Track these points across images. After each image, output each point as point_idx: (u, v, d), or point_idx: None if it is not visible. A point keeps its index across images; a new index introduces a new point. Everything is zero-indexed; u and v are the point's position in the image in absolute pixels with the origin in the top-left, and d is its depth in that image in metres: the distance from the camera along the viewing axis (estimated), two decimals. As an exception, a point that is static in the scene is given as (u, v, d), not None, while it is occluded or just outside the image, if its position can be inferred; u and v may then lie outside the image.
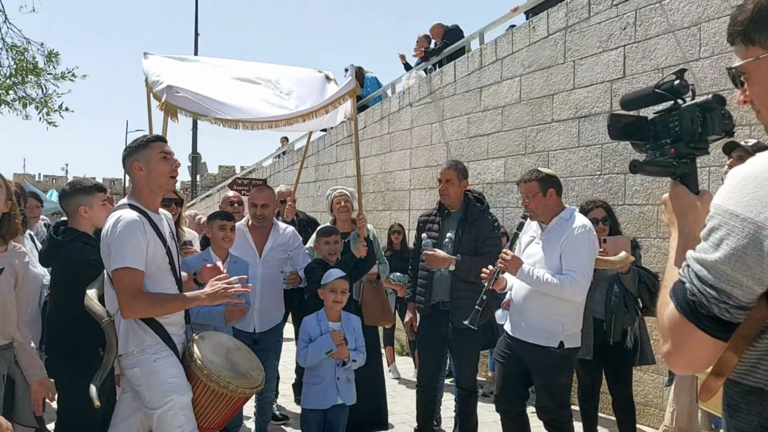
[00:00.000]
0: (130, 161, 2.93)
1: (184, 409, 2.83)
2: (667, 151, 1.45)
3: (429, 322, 4.38)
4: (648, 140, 1.51)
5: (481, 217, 4.31)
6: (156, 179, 2.91)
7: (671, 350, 1.19)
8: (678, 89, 1.44)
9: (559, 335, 3.56)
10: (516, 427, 3.81)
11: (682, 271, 1.19)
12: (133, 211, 2.81)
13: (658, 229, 5.28)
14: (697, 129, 1.39)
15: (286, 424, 5.20)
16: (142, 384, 2.82)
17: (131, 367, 2.83)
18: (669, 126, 1.45)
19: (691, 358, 1.18)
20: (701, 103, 1.39)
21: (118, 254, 2.72)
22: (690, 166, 1.44)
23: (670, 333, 1.19)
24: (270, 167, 12.63)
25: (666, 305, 1.21)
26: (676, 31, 5.18)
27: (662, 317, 1.22)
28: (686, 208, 1.40)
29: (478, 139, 7.27)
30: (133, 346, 2.81)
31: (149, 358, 2.82)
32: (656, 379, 5.20)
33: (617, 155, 5.63)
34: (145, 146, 2.92)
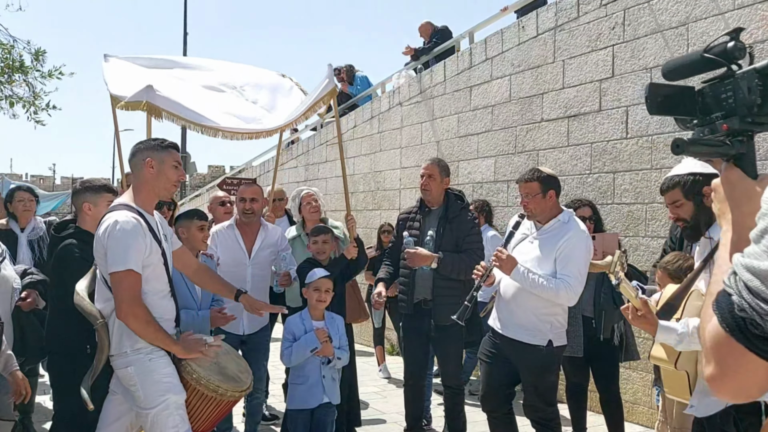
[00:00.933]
0: (143, 156, 2.91)
1: (179, 408, 2.82)
2: (719, 127, 1.22)
3: (412, 320, 4.39)
4: (694, 115, 1.29)
5: (462, 215, 4.32)
6: (163, 183, 2.94)
7: (715, 374, 0.99)
8: (732, 53, 1.19)
9: (548, 334, 3.56)
10: (503, 427, 3.81)
11: (728, 279, 0.97)
12: (131, 213, 2.79)
13: (647, 228, 5.30)
14: (756, 100, 1.15)
15: (275, 425, 5.18)
16: (136, 383, 2.79)
17: (124, 366, 2.81)
18: (721, 97, 1.22)
19: (740, 386, 0.98)
20: (761, 68, 1.14)
21: (119, 256, 2.70)
22: (746, 146, 1.20)
23: (713, 354, 0.98)
24: (260, 167, 12.58)
25: (709, 319, 1.00)
26: (665, 31, 5.21)
27: (704, 332, 1.02)
28: (741, 197, 1.17)
29: (468, 139, 7.28)
30: (127, 346, 2.79)
31: (144, 358, 2.80)
32: (645, 377, 5.22)
33: (606, 154, 5.65)
34: (164, 149, 2.95)
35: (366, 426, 5.15)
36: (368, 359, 7.34)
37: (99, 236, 2.79)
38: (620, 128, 5.54)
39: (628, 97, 5.47)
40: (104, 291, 2.83)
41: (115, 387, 2.93)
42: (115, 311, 2.78)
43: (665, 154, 5.16)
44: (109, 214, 2.82)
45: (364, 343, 8.43)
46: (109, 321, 2.81)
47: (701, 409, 2.39)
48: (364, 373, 6.47)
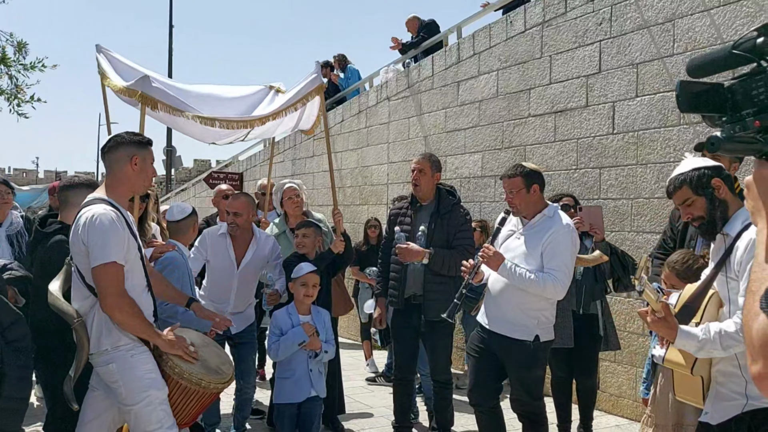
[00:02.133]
0: (128, 152, 2.87)
1: (162, 404, 2.81)
2: (750, 124, 1.19)
3: (402, 315, 4.40)
4: (724, 112, 1.27)
5: (454, 210, 4.34)
6: (142, 181, 2.94)
7: (764, 372, 0.99)
8: (762, 48, 1.17)
9: (535, 329, 3.58)
10: (490, 420, 3.83)
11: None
12: (108, 207, 2.77)
13: (632, 224, 5.35)
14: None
15: (263, 418, 5.18)
16: (118, 380, 2.77)
17: (106, 364, 2.78)
18: (751, 94, 1.20)
19: None
20: None
21: (102, 250, 2.67)
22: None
23: (763, 351, 0.98)
24: (246, 161, 12.53)
25: (755, 317, 1.00)
26: (651, 27, 5.25)
27: (750, 331, 1.02)
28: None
29: (455, 134, 7.29)
30: (107, 344, 2.77)
31: (125, 354, 2.78)
32: (630, 371, 5.28)
33: (592, 150, 5.69)
34: (146, 145, 2.95)
35: (353, 420, 5.16)
36: (356, 353, 7.35)
37: (77, 231, 2.74)
38: (606, 124, 5.57)
39: (614, 92, 5.51)
40: (81, 289, 2.79)
41: (96, 384, 2.90)
42: (94, 308, 2.75)
43: (651, 150, 5.21)
44: (86, 208, 2.78)
45: (351, 338, 8.45)
46: (87, 319, 2.77)
47: (716, 415, 2.31)
48: (351, 367, 6.49)
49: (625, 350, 5.25)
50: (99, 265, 2.68)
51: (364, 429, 5.01)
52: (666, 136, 5.09)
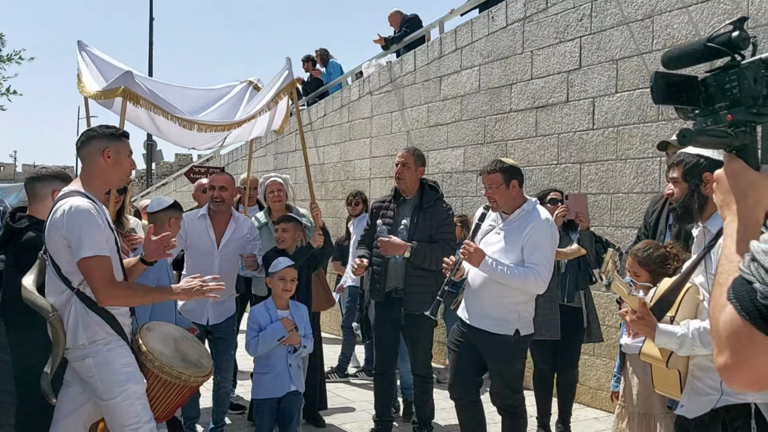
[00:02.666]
0: (100, 145, 2.84)
1: (140, 398, 2.79)
2: (723, 117, 1.20)
3: (383, 308, 4.41)
4: (698, 105, 1.27)
5: (437, 205, 4.35)
6: (117, 174, 2.91)
7: (730, 363, 0.99)
8: (736, 42, 1.18)
9: (515, 323, 3.60)
10: (470, 414, 3.86)
11: (746, 267, 0.97)
12: (86, 199, 2.74)
13: (611, 218, 5.40)
14: (762, 91, 1.14)
15: (243, 413, 5.16)
16: (95, 375, 2.74)
17: (82, 358, 2.75)
18: (725, 87, 1.20)
19: (758, 374, 0.98)
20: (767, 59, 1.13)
21: (86, 242, 2.64)
22: (750, 137, 1.19)
23: (729, 343, 0.98)
24: (228, 155, 12.44)
25: (722, 308, 1.00)
26: (631, 23, 5.29)
27: (717, 322, 1.02)
28: (746, 188, 1.16)
29: (437, 129, 7.30)
30: (84, 338, 2.74)
31: (102, 348, 2.75)
32: (608, 364, 5.33)
33: (573, 145, 5.73)
34: (119, 139, 2.90)
35: (335, 414, 5.17)
36: (337, 347, 7.34)
37: (55, 224, 2.70)
38: (587, 119, 5.61)
39: (594, 88, 5.55)
40: (57, 283, 2.76)
41: (71, 378, 2.86)
42: (70, 302, 2.72)
43: (630, 145, 5.26)
44: (63, 200, 2.74)
45: (333, 332, 8.44)
46: (63, 313, 2.74)
47: (691, 408, 2.33)
48: (333, 362, 6.48)
49: (604, 344, 5.30)
50: (87, 258, 2.65)
51: (345, 423, 5.01)
52: (645, 132, 5.14)
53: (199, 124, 4.71)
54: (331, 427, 4.92)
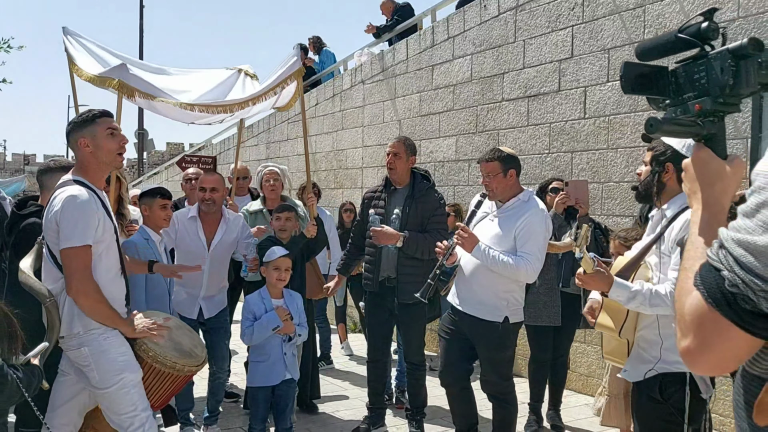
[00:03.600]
0: (75, 137, 2.82)
1: (136, 386, 2.81)
2: (691, 107, 1.22)
3: (376, 297, 4.44)
4: (667, 95, 1.29)
5: (429, 194, 4.37)
6: (104, 156, 2.84)
7: (693, 348, 1.00)
8: (705, 33, 1.20)
9: (504, 310, 3.64)
10: (461, 401, 3.90)
11: (714, 254, 0.98)
12: (83, 188, 2.73)
13: (603, 207, 5.44)
14: (729, 81, 1.15)
15: (238, 401, 5.19)
16: (90, 364, 2.75)
17: (77, 347, 2.76)
18: (694, 78, 1.22)
19: (720, 359, 0.99)
20: (734, 49, 1.14)
21: (72, 231, 2.64)
22: (718, 126, 1.21)
23: (693, 327, 0.99)
24: (220, 144, 12.40)
25: (688, 293, 1.01)
26: (622, 12, 5.30)
27: (682, 307, 1.03)
28: (713, 176, 1.18)
29: (429, 118, 7.31)
30: (80, 326, 2.74)
31: (98, 337, 2.76)
32: (599, 351, 5.39)
33: (564, 134, 5.75)
34: (90, 122, 2.83)
35: (329, 402, 5.21)
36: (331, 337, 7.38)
37: (51, 211, 2.71)
38: (578, 108, 5.64)
39: (586, 77, 5.57)
40: (53, 270, 2.76)
41: (66, 368, 2.87)
42: (64, 291, 2.73)
43: (621, 134, 5.29)
44: (61, 189, 2.74)
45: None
46: (59, 300, 2.75)
47: (632, 373, 2.60)
48: (326, 350, 6.51)
49: (595, 331, 5.35)
50: (68, 248, 2.65)
51: (338, 411, 5.05)
52: (636, 121, 5.17)
53: (199, 105, 4.67)
54: (325, 414, 4.96)
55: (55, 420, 2.85)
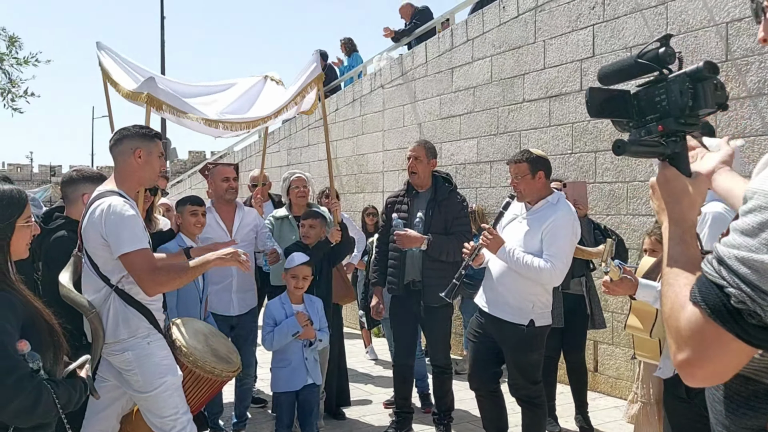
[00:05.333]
0: (131, 145, 2.89)
1: (177, 389, 2.86)
2: (654, 128, 1.28)
3: (401, 301, 4.43)
4: (631, 117, 1.35)
5: (451, 197, 4.36)
6: (149, 173, 2.95)
7: (691, 359, 1.02)
8: (664, 58, 1.27)
9: (530, 313, 3.61)
10: (490, 404, 3.88)
11: (714, 271, 1.00)
12: (121, 198, 2.80)
13: (629, 206, 5.38)
14: (688, 102, 1.22)
15: (265, 408, 5.22)
16: (134, 368, 2.79)
17: (121, 352, 2.80)
18: (655, 100, 1.28)
19: (717, 370, 1.03)
20: (691, 72, 1.22)
21: (128, 238, 2.70)
22: (680, 145, 1.28)
23: (692, 342, 1.02)
24: (242, 151, 12.51)
25: (681, 308, 1.05)
26: (644, 10, 5.24)
27: (677, 322, 1.05)
28: (679, 194, 1.24)
29: (450, 120, 7.29)
30: (125, 333, 2.79)
31: (141, 342, 2.81)
32: (627, 353, 5.32)
33: (587, 134, 5.70)
34: (151, 139, 2.95)
35: (354, 407, 5.21)
36: (355, 341, 7.40)
37: (93, 222, 2.75)
38: (601, 108, 5.57)
39: (608, 76, 5.51)
40: (95, 281, 2.80)
41: (106, 374, 2.91)
42: (109, 299, 2.77)
43: (645, 133, 5.22)
44: (100, 200, 2.79)
45: (351, 326, 8.48)
46: (102, 310, 2.79)
47: (666, 370, 2.60)
48: (351, 354, 6.51)
49: (623, 332, 5.29)
50: (128, 253, 2.70)
51: (365, 416, 5.05)
52: (660, 119, 5.10)
53: (224, 122, 4.76)
54: (351, 420, 4.96)
55: (95, 425, 2.89)
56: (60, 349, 2.01)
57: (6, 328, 1.81)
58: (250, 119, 5.01)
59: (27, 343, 1.83)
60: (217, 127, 4.75)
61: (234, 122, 4.87)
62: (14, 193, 2.00)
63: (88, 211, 2.81)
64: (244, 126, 5.00)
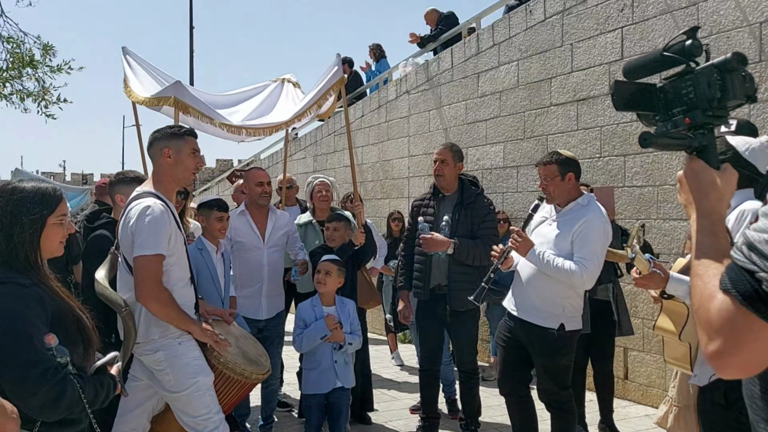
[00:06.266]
0: (160, 146, 2.93)
1: (209, 389, 2.87)
2: (681, 121, 1.27)
3: (427, 306, 4.40)
4: (658, 111, 1.33)
5: (477, 200, 4.32)
6: (181, 172, 2.96)
7: (723, 350, 1.01)
8: (690, 50, 1.26)
9: (560, 317, 3.55)
10: (520, 410, 3.82)
11: (743, 257, 0.99)
12: (157, 200, 2.83)
13: (659, 211, 5.28)
14: (716, 94, 1.21)
15: (291, 411, 5.23)
16: (165, 368, 2.82)
17: (153, 352, 2.83)
18: (682, 93, 1.27)
19: (752, 359, 1.00)
20: (719, 64, 1.21)
21: (149, 240, 2.73)
22: (708, 138, 1.26)
23: (724, 331, 1.00)
24: (268, 159, 12.61)
25: (711, 298, 1.03)
26: (674, 12, 5.17)
27: (707, 312, 1.04)
28: (707, 186, 1.22)
29: (476, 125, 7.26)
30: (156, 332, 2.82)
31: (173, 342, 2.83)
32: (658, 360, 5.22)
33: (616, 137, 5.63)
34: (180, 137, 2.96)
35: (381, 412, 5.18)
36: (381, 347, 7.38)
37: (127, 223, 2.79)
38: (630, 111, 5.50)
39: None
40: (129, 280, 2.83)
41: (138, 373, 2.94)
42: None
43: (676, 136, 5.13)
44: (136, 200, 2.83)
45: (376, 332, 8.47)
46: (135, 309, 2.82)
47: (702, 377, 2.50)
48: (376, 360, 6.49)
49: (653, 339, 5.19)
50: (141, 256, 2.73)
51: (390, 421, 5.02)
52: (691, 122, 5.01)
53: (247, 128, 4.82)
54: (377, 425, 4.94)
55: (126, 424, 2.92)
56: (90, 345, 2.02)
57: (34, 322, 1.83)
58: (271, 124, 5.08)
59: (54, 337, 1.84)
60: (240, 133, 4.82)
61: (256, 127, 4.94)
62: (48, 190, 2.03)
63: (124, 212, 2.85)
64: (266, 131, 5.08)
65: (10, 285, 1.85)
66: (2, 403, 1.62)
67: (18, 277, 1.88)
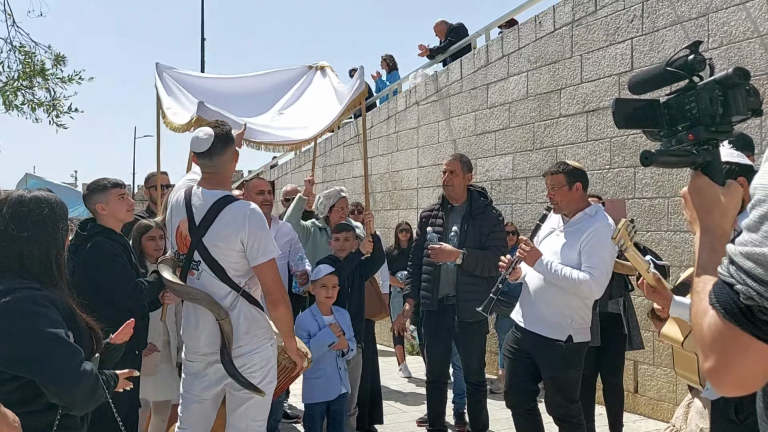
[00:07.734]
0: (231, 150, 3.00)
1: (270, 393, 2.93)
2: (685, 137, 1.26)
3: (435, 316, 4.37)
4: (661, 126, 1.32)
5: (486, 211, 4.31)
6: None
7: (716, 367, 0.99)
8: (693, 65, 1.25)
9: (568, 328, 3.52)
10: (527, 423, 3.77)
11: (726, 270, 0.98)
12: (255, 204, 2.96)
13: (669, 222, 5.23)
14: (718, 110, 1.20)
15: (297, 422, 5.19)
16: (257, 371, 2.81)
17: (249, 353, 2.81)
18: (685, 109, 1.26)
19: (745, 376, 0.98)
20: (721, 79, 1.19)
21: (267, 246, 2.77)
22: (712, 153, 1.25)
23: (715, 347, 0.98)
24: (278, 169, 12.65)
25: (704, 314, 1.01)
26: (684, 23, 5.15)
27: (701, 329, 1.02)
28: (711, 203, 1.21)
29: (485, 136, 7.25)
30: (253, 335, 2.84)
31: (266, 344, 2.87)
32: (669, 374, 5.14)
33: (626, 149, 5.59)
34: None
35: (387, 424, 5.14)
36: (388, 359, 7.33)
37: (230, 225, 2.75)
38: (640, 122, 5.47)
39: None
40: (219, 287, 2.81)
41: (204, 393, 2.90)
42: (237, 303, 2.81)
43: (687, 147, 5.10)
44: (233, 204, 2.81)
45: (384, 343, 8.43)
46: (231, 313, 2.79)
47: (713, 392, 2.43)
48: (384, 372, 6.44)
49: (664, 353, 5.13)
50: (266, 262, 2.75)
51: (397, 433, 4.98)
52: (702, 133, 4.97)
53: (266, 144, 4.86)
54: (384, 437, 4.90)
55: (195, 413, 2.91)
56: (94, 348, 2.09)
57: (59, 320, 1.90)
58: (295, 141, 5.07)
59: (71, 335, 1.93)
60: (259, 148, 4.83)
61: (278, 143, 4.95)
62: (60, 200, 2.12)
63: (217, 215, 2.78)
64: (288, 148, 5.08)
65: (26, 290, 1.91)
66: (4, 412, 1.63)
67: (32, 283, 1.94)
